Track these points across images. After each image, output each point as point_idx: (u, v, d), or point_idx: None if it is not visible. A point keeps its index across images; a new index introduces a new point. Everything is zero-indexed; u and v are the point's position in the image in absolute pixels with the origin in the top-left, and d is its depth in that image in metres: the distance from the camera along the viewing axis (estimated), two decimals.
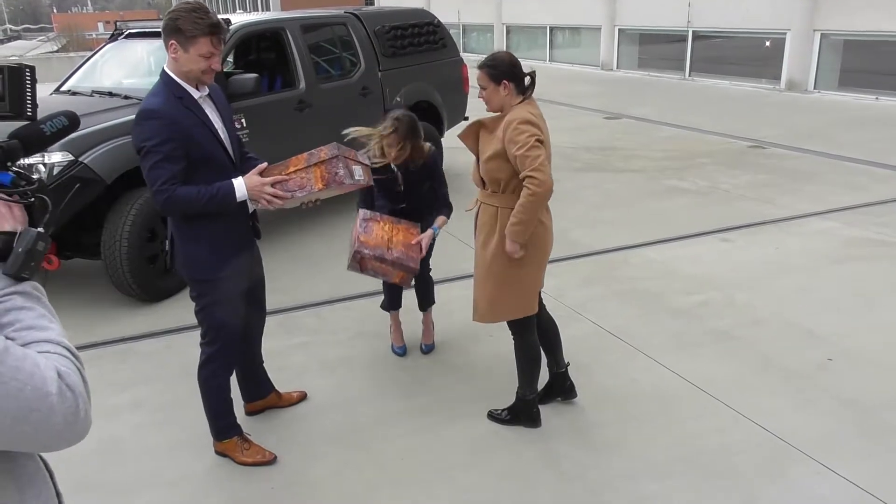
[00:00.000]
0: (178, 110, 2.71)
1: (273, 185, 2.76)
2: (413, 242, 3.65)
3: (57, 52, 22.36)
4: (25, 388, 0.99)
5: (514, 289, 3.14)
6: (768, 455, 3.12)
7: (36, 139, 1.29)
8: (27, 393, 0.99)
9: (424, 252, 3.72)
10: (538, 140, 2.90)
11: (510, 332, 3.31)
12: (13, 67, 1.28)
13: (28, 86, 1.30)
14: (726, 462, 3.08)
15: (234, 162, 2.93)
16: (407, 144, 3.63)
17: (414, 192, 3.84)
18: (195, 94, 2.78)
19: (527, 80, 3.05)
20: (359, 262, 3.52)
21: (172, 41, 2.69)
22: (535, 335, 3.31)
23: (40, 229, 1.16)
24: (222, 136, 2.87)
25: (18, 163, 1.26)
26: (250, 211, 2.99)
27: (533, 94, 3.08)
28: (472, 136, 3.17)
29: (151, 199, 2.79)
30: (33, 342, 1.08)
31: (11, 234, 1.14)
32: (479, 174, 3.17)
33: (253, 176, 2.76)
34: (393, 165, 3.71)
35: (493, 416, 3.45)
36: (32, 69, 1.32)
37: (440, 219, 3.85)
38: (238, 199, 2.76)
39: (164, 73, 2.78)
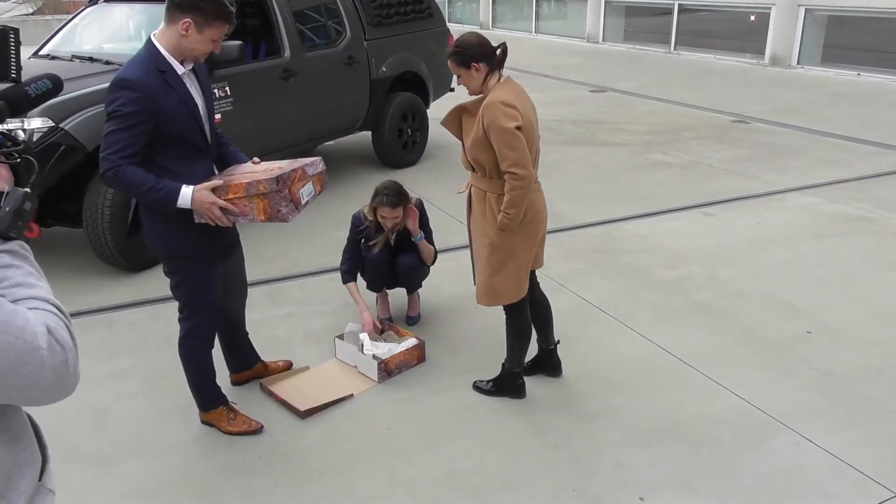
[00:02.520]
0: (157, 84, 2.63)
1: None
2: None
3: (32, 14, 21.79)
4: (16, 343, 1.01)
5: (506, 274, 3.13)
6: (748, 425, 3.19)
7: (22, 100, 1.30)
8: (18, 347, 1.01)
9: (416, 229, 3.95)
10: (517, 127, 2.85)
11: (502, 309, 3.33)
12: None
13: (12, 48, 1.30)
14: (707, 432, 3.14)
15: (208, 139, 2.87)
16: (401, 211, 3.84)
17: (403, 246, 4.00)
18: (179, 69, 2.70)
19: (498, 52, 2.98)
20: (387, 372, 3.62)
21: (187, 19, 2.60)
22: (528, 313, 3.33)
23: (27, 189, 1.17)
24: (201, 114, 2.80)
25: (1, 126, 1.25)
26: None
27: (514, 67, 3.04)
28: (455, 122, 3.14)
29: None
30: (22, 299, 1.10)
31: (0, 193, 1.15)
32: (466, 158, 3.14)
33: (203, 191, 2.67)
34: (385, 228, 3.92)
35: (479, 387, 3.49)
36: (16, 31, 1.32)
37: (430, 248, 4.04)
38: (178, 206, 2.67)
39: (150, 43, 2.69)
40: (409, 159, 7.43)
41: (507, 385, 3.42)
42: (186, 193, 2.67)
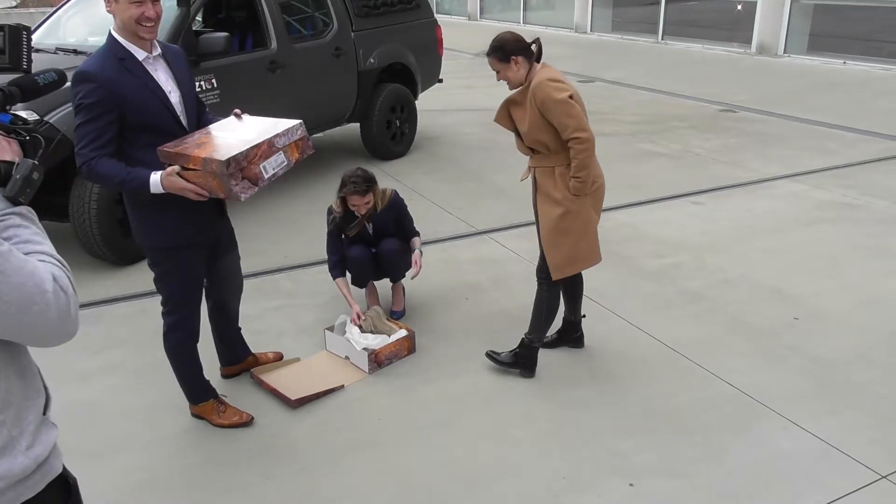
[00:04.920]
0: (115, 72, 2.60)
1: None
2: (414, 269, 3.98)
3: (16, 7, 21.55)
4: (27, 284, 1.16)
5: (589, 238, 3.28)
6: (737, 411, 3.21)
7: (32, 88, 1.52)
8: (29, 288, 1.17)
9: (419, 268, 3.98)
10: (570, 96, 3.02)
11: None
12: (13, 27, 1.50)
13: (25, 44, 1.52)
14: (696, 419, 3.16)
15: (187, 128, 2.83)
16: (370, 196, 3.83)
17: (383, 236, 3.99)
18: (140, 55, 2.66)
19: (534, 47, 3.16)
20: (377, 363, 3.62)
21: None
22: (560, 291, 3.43)
23: (35, 161, 1.34)
24: (173, 101, 2.76)
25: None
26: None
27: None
28: (505, 116, 3.28)
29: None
30: (31, 252, 1.25)
31: (10, 164, 1.32)
32: (524, 145, 3.25)
33: (171, 177, 2.62)
34: (358, 215, 3.90)
35: (493, 356, 3.52)
36: (29, 29, 1.54)
37: (417, 240, 4.06)
38: (152, 192, 2.65)
39: (109, 35, 2.68)
40: (398, 150, 7.41)
41: (524, 359, 3.47)
42: (156, 180, 2.65)
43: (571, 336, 3.71)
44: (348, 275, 4.02)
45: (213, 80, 5.26)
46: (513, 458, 2.95)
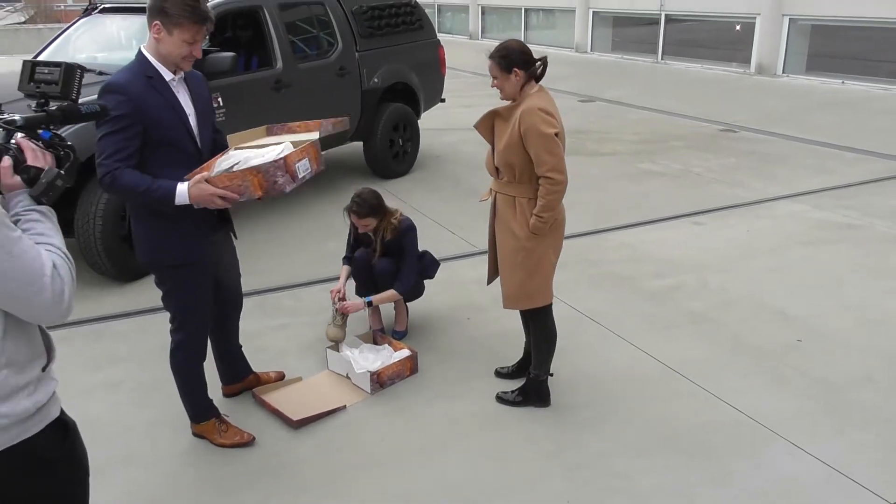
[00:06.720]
0: (144, 89, 2.66)
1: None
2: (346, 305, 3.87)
3: (24, 23, 21.69)
4: (32, 264, 1.41)
5: (540, 277, 3.19)
6: (741, 435, 3.20)
7: (73, 114, 1.79)
8: (33, 268, 1.41)
9: (344, 305, 3.86)
10: (556, 133, 2.95)
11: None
12: (69, 65, 1.83)
13: (77, 80, 1.81)
14: (700, 442, 3.15)
15: (201, 150, 2.86)
16: (371, 221, 3.87)
17: (386, 256, 4.00)
18: (167, 75, 2.73)
19: (538, 65, 3.08)
20: (380, 384, 3.62)
21: (157, 22, 2.63)
22: (553, 317, 3.36)
23: (61, 171, 1.59)
24: (191, 122, 2.81)
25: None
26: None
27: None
28: (488, 126, 3.19)
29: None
30: (41, 243, 1.49)
31: (40, 170, 1.56)
32: (493, 163, 3.18)
33: (199, 184, 2.65)
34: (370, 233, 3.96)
35: (503, 398, 3.46)
36: (83, 68, 1.86)
37: (389, 293, 3.93)
38: (177, 203, 2.67)
39: (139, 53, 2.74)
40: (401, 170, 7.43)
41: (533, 393, 3.42)
42: (182, 190, 2.67)
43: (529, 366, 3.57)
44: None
45: (220, 99, 5.29)
46: (515, 480, 2.94)
